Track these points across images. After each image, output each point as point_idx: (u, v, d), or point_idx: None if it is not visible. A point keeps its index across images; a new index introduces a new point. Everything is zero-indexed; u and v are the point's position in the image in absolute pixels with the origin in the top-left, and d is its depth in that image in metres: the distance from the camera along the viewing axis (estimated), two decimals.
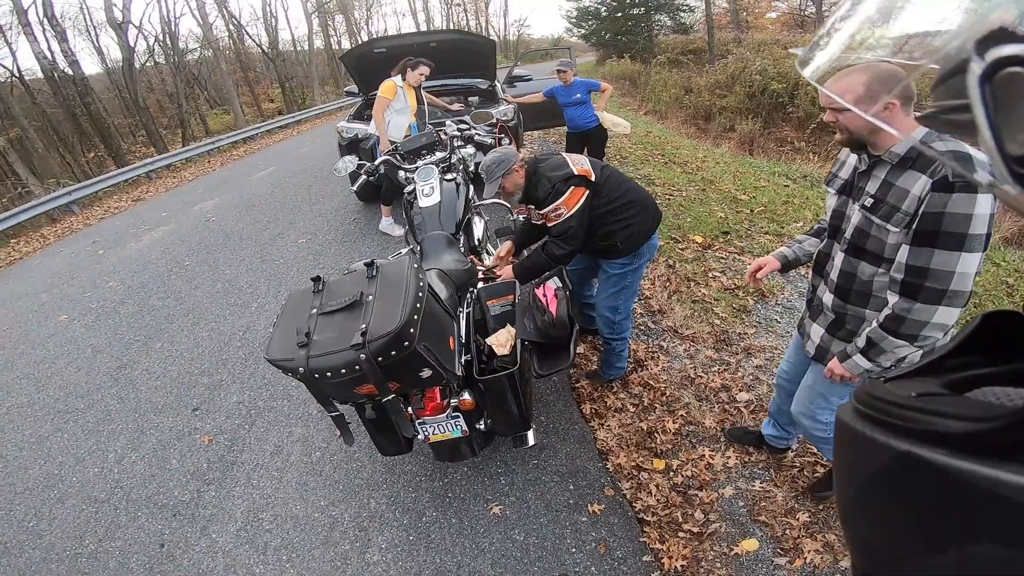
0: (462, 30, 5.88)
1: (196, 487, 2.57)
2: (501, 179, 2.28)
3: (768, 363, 2.80)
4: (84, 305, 4.81)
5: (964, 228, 1.15)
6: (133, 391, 3.38)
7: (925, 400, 0.38)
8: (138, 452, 2.85)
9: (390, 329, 1.43)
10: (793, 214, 4.77)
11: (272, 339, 1.57)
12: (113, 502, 2.56)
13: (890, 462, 0.37)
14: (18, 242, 7.85)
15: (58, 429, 3.14)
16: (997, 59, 0.27)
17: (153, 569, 2.20)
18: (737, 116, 13.68)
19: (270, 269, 4.89)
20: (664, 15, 25.19)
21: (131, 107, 19.65)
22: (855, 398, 0.43)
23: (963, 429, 0.32)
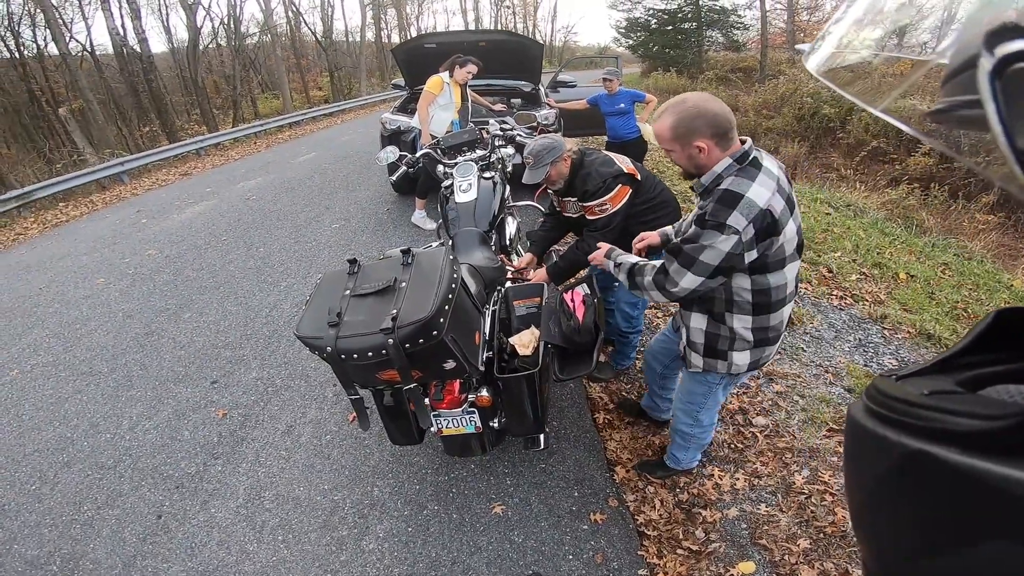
0: (512, 31, 5.88)
1: (203, 460, 2.53)
2: (549, 166, 2.24)
3: (789, 390, 2.71)
4: (122, 270, 4.88)
5: (697, 255, 1.34)
6: (156, 358, 3.37)
7: (937, 398, 0.37)
8: (152, 421, 2.83)
9: (420, 317, 1.41)
10: (832, 243, 4.52)
11: (304, 316, 1.56)
12: (119, 470, 2.53)
13: (901, 460, 0.37)
14: (67, 206, 8.11)
15: (79, 391, 3.15)
16: (1007, 54, 0.27)
17: (146, 539, 2.17)
18: (783, 139, 13.23)
19: (302, 250, 4.89)
20: (717, 31, 24.61)
21: (189, 86, 20.37)
22: (866, 395, 0.43)
23: (975, 427, 0.32)
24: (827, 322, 3.33)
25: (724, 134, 1.32)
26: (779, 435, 2.43)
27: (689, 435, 1.97)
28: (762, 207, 1.27)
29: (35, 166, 13.60)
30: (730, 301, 1.47)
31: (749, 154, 1.34)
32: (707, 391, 1.77)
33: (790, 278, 1.41)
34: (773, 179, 1.31)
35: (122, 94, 19.12)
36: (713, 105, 1.33)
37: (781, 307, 1.46)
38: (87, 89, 14.58)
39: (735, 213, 1.26)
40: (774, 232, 1.29)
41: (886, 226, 5.31)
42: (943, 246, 4.87)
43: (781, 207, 1.29)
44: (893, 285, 3.80)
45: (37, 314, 4.21)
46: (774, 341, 1.56)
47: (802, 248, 1.40)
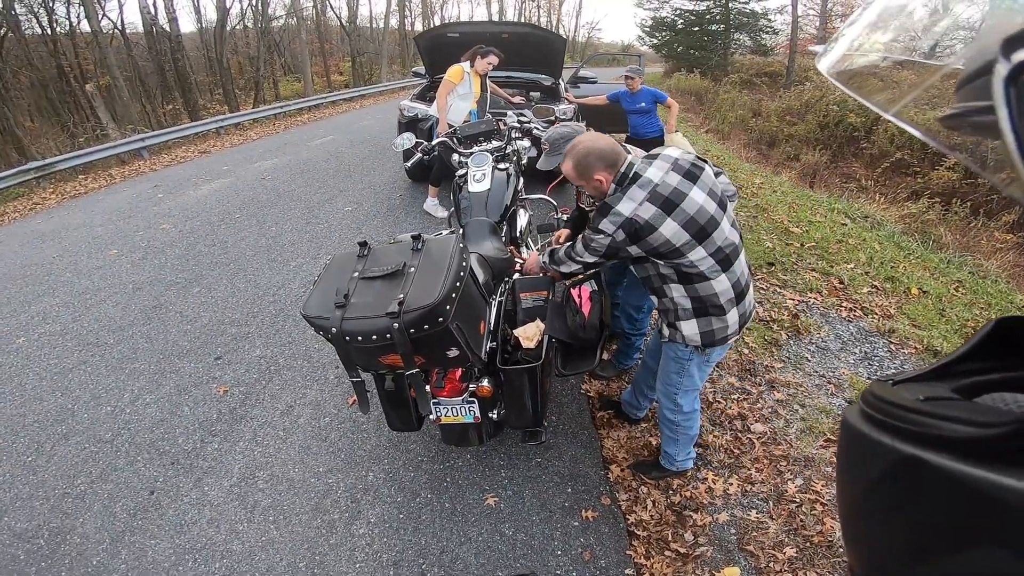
0: (535, 24, 5.84)
1: (201, 437, 2.54)
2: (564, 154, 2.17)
3: (790, 399, 2.70)
4: (135, 243, 4.93)
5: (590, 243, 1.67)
6: (163, 332, 3.40)
7: (933, 404, 0.37)
8: (153, 395, 2.85)
9: (427, 303, 1.42)
10: (846, 254, 4.44)
11: (311, 295, 1.58)
12: (116, 444, 2.55)
13: (895, 466, 0.37)
14: (86, 178, 8.20)
15: (83, 362, 3.18)
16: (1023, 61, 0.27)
17: (136, 515, 2.17)
18: (804, 146, 13.07)
19: (314, 231, 4.91)
20: (745, 34, 24.26)
21: (214, 66, 20.48)
22: (862, 400, 0.43)
23: (970, 434, 0.32)
24: (834, 333, 3.30)
25: (613, 164, 1.63)
26: (776, 443, 2.43)
27: (673, 423, 1.99)
28: (627, 216, 1.55)
29: (58, 139, 13.80)
30: (661, 276, 1.68)
31: (627, 175, 1.62)
32: (680, 368, 1.83)
33: (695, 259, 1.58)
34: (645, 189, 1.57)
35: (148, 72, 19.31)
36: (600, 144, 1.65)
37: (703, 280, 1.62)
38: (115, 66, 14.75)
39: (605, 220, 1.59)
40: (645, 233, 1.54)
41: (902, 240, 5.25)
42: (959, 263, 4.81)
43: (651, 213, 1.54)
44: (904, 300, 3.75)
45: (48, 282, 4.26)
46: (718, 313, 1.68)
47: (704, 235, 1.57)
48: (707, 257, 1.58)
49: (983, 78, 0.29)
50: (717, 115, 15.86)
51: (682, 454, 2.14)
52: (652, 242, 1.55)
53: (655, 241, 1.55)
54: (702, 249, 1.57)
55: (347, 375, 1.65)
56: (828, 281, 3.92)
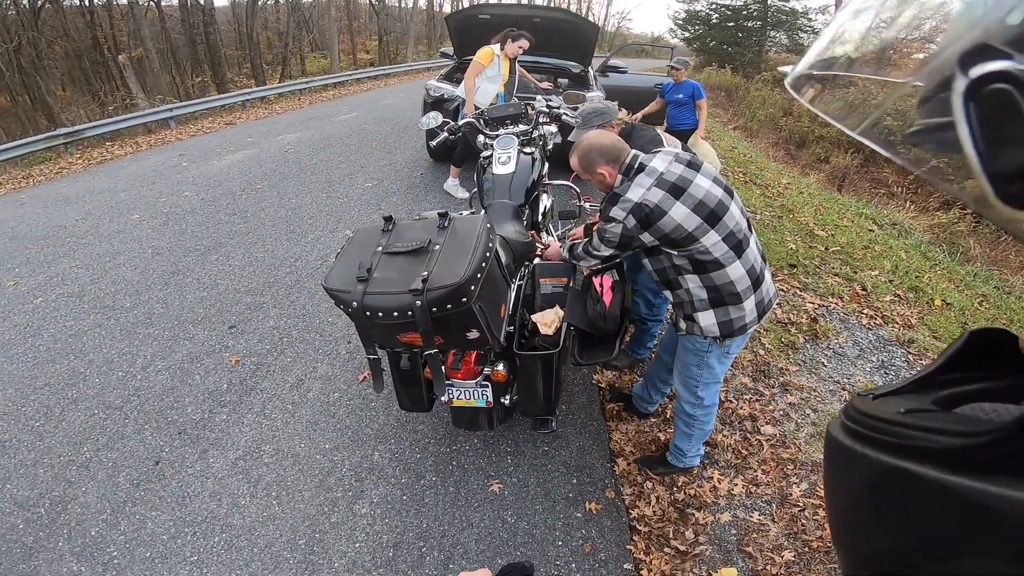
0: (568, 10, 5.67)
1: (210, 407, 2.53)
2: (595, 129, 2.18)
3: (802, 403, 2.67)
4: (157, 208, 4.96)
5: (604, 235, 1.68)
6: (179, 298, 3.41)
7: (914, 416, 0.38)
8: (166, 361, 2.85)
9: (452, 282, 1.39)
10: (871, 261, 4.34)
11: (333, 268, 1.55)
12: (125, 411, 2.55)
13: (880, 477, 0.38)
14: (113, 145, 8.28)
15: (98, 325, 3.19)
16: (981, 75, 0.27)
17: (139, 485, 2.16)
18: (834, 148, 12.69)
19: (333, 205, 4.91)
20: (782, 32, 23.63)
21: (244, 41, 20.62)
22: (844, 414, 0.45)
23: (950, 444, 0.33)
24: (853, 339, 3.24)
25: (616, 159, 1.68)
26: (784, 446, 2.41)
27: (692, 417, 1.97)
28: (636, 201, 1.58)
29: (88, 108, 14.00)
30: (675, 267, 1.67)
31: (633, 166, 1.67)
32: (699, 360, 1.82)
33: (709, 244, 1.58)
34: (652, 176, 1.60)
35: (180, 45, 19.48)
36: (601, 140, 1.70)
37: (719, 268, 1.61)
38: (148, 38, 14.95)
39: (616, 208, 1.62)
40: (656, 218, 1.56)
41: (929, 250, 5.15)
42: (984, 277, 4.72)
43: (659, 197, 1.56)
44: (927, 310, 3.68)
45: (69, 244, 4.30)
46: (735, 302, 1.66)
47: (715, 218, 1.57)
48: (720, 242, 1.58)
49: (943, 94, 0.29)
50: (747, 112, 15.53)
51: (693, 450, 2.12)
52: (664, 227, 1.56)
53: (667, 226, 1.56)
54: (715, 233, 1.57)
55: (359, 351, 1.66)
56: (851, 287, 3.85)
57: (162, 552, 1.91)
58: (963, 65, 0.28)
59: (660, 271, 1.73)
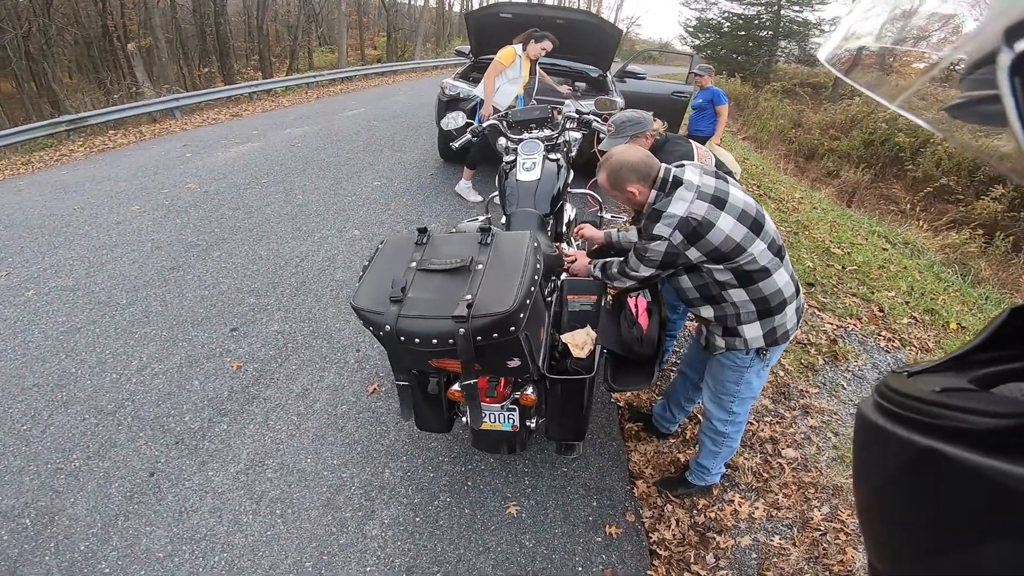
0: (591, 12, 5.54)
1: (209, 416, 2.41)
2: (628, 139, 2.18)
3: (823, 426, 2.63)
4: (158, 200, 4.82)
5: (645, 254, 1.59)
6: (178, 296, 3.28)
7: (949, 395, 0.37)
8: (163, 364, 2.71)
9: (501, 310, 1.28)
10: (886, 281, 4.28)
11: (362, 284, 1.40)
12: (119, 416, 2.41)
13: (912, 458, 0.37)
14: (116, 134, 8.12)
15: (92, 322, 3.05)
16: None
17: (133, 498, 2.04)
18: (844, 161, 12.64)
19: (341, 204, 4.78)
20: (794, 43, 23.63)
21: (253, 32, 20.54)
22: (877, 393, 0.43)
23: (987, 425, 0.32)
24: (871, 362, 3.20)
25: (646, 176, 1.60)
26: (806, 469, 2.38)
27: (722, 434, 1.92)
28: (681, 215, 1.50)
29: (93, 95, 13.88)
30: (718, 283, 1.60)
31: (667, 180, 1.59)
32: (738, 377, 1.76)
33: (757, 253, 1.52)
34: (692, 189, 1.53)
35: (189, 35, 19.41)
36: (631, 156, 1.62)
37: (766, 276, 1.56)
38: (159, 27, 14.82)
39: (660, 224, 1.53)
40: (705, 231, 1.49)
41: (942, 271, 5.12)
42: (996, 300, 4.68)
43: (704, 209, 1.50)
44: (943, 334, 3.65)
45: (66, 234, 4.14)
46: (779, 309, 1.62)
47: (759, 226, 1.53)
48: (766, 250, 1.54)
49: (987, 67, 0.29)
50: (757, 123, 15.47)
51: (716, 468, 2.09)
52: (713, 240, 1.50)
53: (716, 239, 1.50)
54: (760, 242, 1.53)
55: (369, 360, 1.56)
56: (868, 308, 3.80)
57: (158, 571, 1.79)
58: (1009, 39, 0.27)
59: (700, 287, 1.65)
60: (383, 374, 2.67)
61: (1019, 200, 10.10)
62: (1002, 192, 10.15)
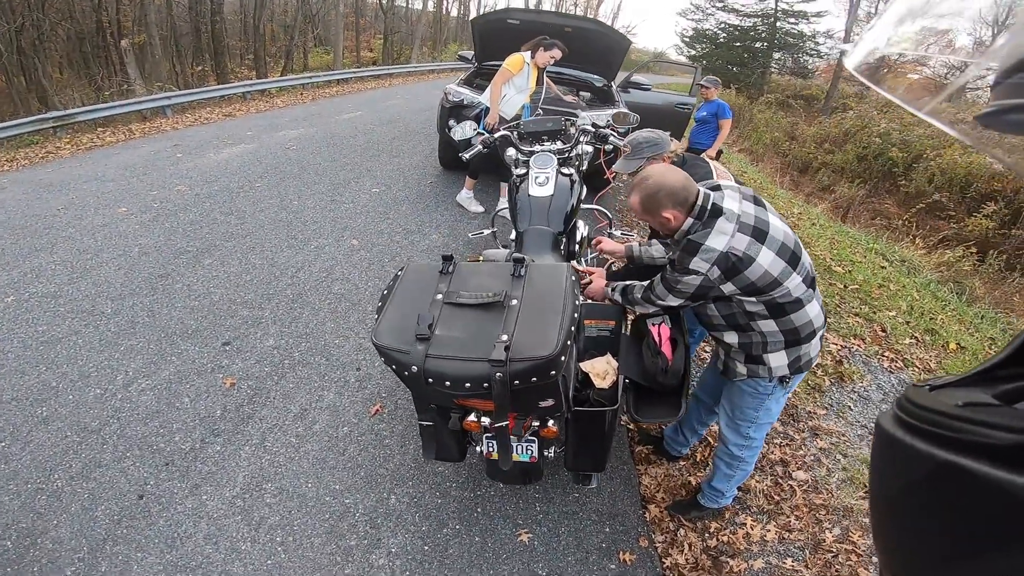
0: (600, 21, 5.46)
1: (201, 436, 2.28)
2: (645, 160, 2.11)
3: (833, 448, 2.62)
4: (146, 202, 4.64)
5: (675, 284, 1.52)
6: (167, 306, 3.13)
7: (972, 409, 0.37)
8: (150, 380, 2.57)
9: (543, 354, 1.18)
10: (887, 301, 4.25)
11: (383, 317, 1.29)
12: (103, 435, 2.28)
13: (931, 472, 0.37)
14: (104, 131, 7.91)
15: (75, 332, 2.89)
16: None
17: (121, 521, 1.92)
18: (839, 176, 12.73)
19: (338, 211, 4.64)
20: (788, 55, 23.96)
21: (249, 32, 20.37)
22: (896, 405, 0.43)
23: (1009, 441, 0.32)
24: (876, 383, 3.19)
25: (684, 201, 1.50)
26: (817, 491, 2.37)
27: (738, 459, 1.90)
28: (721, 251, 1.42)
29: (83, 92, 13.66)
30: (747, 313, 1.54)
31: (706, 208, 1.48)
32: (758, 403, 1.73)
33: (792, 287, 1.47)
34: (732, 220, 1.45)
35: (183, 32, 19.19)
36: (671, 179, 1.49)
37: (798, 308, 1.51)
38: (153, 24, 14.64)
39: (696, 259, 1.45)
40: (744, 267, 1.42)
41: (938, 289, 5.11)
42: (991, 319, 4.67)
43: (745, 243, 1.42)
44: (943, 354, 3.65)
45: (48, 236, 3.96)
46: (807, 340, 1.58)
47: (796, 260, 1.48)
48: (801, 283, 1.49)
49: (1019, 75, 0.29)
50: (752, 135, 15.55)
51: (730, 491, 2.07)
52: (750, 276, 1.43)
53: (753, 275, 1.43)
54: (797, 275, 1.48)
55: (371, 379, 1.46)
56: (871, 328, 3.78)
57: None
58: None
59: (728, 316, 1.59)
60: (385, 394, 2.56)
61: (1010, 217, 10.22)
62: (993, 209, 10.26)
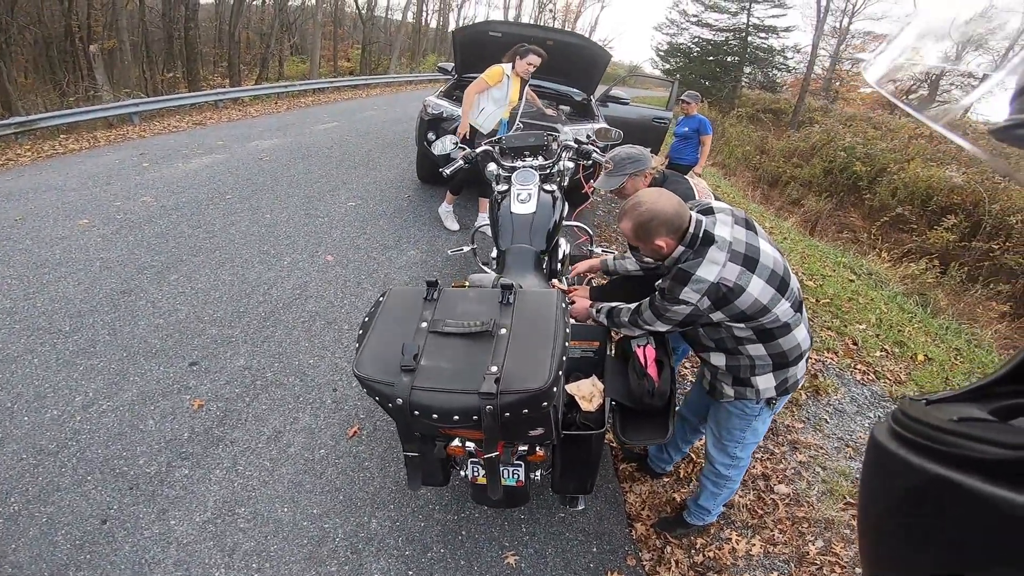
0: (583, 35, 5.51)
1: (168, 459, 2.18)
2: (626, 177, 2.10)
3: (812, 461, 2.66)
4: (109, 214, 4.46)
5: (664, 312, 1.51)
6: (130, 324, 2.99)
7: (967, 425, 0.37)
8: (112, 401, 2.45)
9: (535, 387, 1.14)
10: (857, 314, 4.36)
11: (365, 347, 1.24)
12: (62, 457, 2.17)
13: (923, 485, 0.37)
14: (68, 138, 7.63)
15: (30, 350, 2.74)
16: None
17: (83, 547, 1.84)
18: (807, 190, 13.11)
19: (313, 225, 4.53)
20: (758, 69, 24.71)
21: (224, 39, 20.06)
22: (892, 418, 0.44)
23: (999, 456, 0.32)
24: (850, 396, 3.26)
25: (678, 229, 1.48)
26: (799, 504, 2.40)
27: (725, 477, 1.90)
28: (712, 281, 1.41)
29: (48, 97, 13.21)
30: (735, 337, 1.55)
31: (698, 236, 1.47)
32: (745, 424, 1.74)
33: (780, 312, 1.47)
34: (724, 249, 1.44)
35: (156, 38, 18.82)
36: (664, 206, 1.47)
37: (786, 333, 1.52)
38: (124, 29, 14.33)
39: (687, 289, 1.44)
40: (735, 296, 1.42)
41: (904, 302, 5.26)
42: (955, 330, 4.84)
43: (736, 273, 1.42)
44: (912, 365, 3.76)
45: (3, 248, 3.76)
46: (795, 363, 1.59)
47: (785, 286, 1.48)
48: (789, 308, 1.50)
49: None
50: (725, 149, 15.90)
51: (716, 508, 2.08)
52: (740, 305, 1.43)
53: (743, 303, 1.43)
54: (786, 301, 1.48)
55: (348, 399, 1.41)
56: (843, 341, 3.87)
57: None
58: None
59: (717, 340, 1.60)
60: (363, 416, 2.49)
61: (969, 230, 10.65)
62: (953, 222, 10.67)
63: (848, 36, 24.17)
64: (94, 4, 17.25)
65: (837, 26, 23.99)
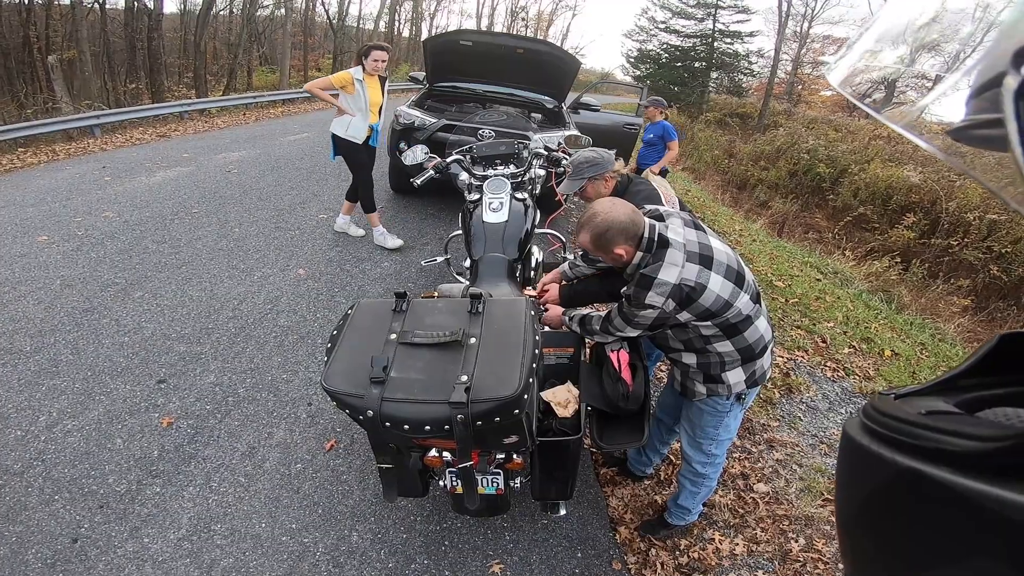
0: (552, 43, 5.57)
1: (138, 477, 2.14)
2: (586, 181, 2.12)
3: (788, 459, 2.70)
4: (70, 230, 4.33)
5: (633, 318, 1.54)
6: (94, 343, 2.91)
7: (934, 418, 0.38)
8: (77, 421, 2.38)
9: (505, 395, 1.15)
10: (825, 312, 4.47)
11: (333, 360, 1.24)
12: (27, 477, 2.11)
13: (894, 478, 0.38)
14: (26, 152, 7.38)
15: None
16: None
17: (55, 566, 1.80)
18: (774, 192, 13.44)
19: (283, 239, 4.46)
20: (725, 74, 25.41)
21: (189, 49, 19.66)
22: (863, 413, 0.45)
23: (969, 448, 0.33)
24: (821, 393, 3.31)
25: (634, 236, 1.52)
26: (778, 502, 2.42)
27: (702, 476, 1.93)
28: (674, 283, 1.45)
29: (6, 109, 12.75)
30: (702, 337, 1.58)
31: (653, 240, 1.51)
32: (718, 421, 1.77)
33: (741, 306, 1.51)
34: (679, 250, 1.48)
35: (118, 49, 18.34)
36: (617, 214, 1.51)
37: (749, 325, 1.56)
38: (85, 40, 13.95)
39: (651, 294, 1.46)
40: (697, 295, 1.46)
41: (869, 299, 5.38)
42: (920, 325, 4.97)
43: (695, 272, 1.46)
44: (880, 361, 3.84)
45: None
46: (761, 354, 1.64)
47: (742, 279, 1.52)
48: (749, 300, 1.54)
49: (993, 90, 0.29)
50: (694, 153, 16.21)
51: (696, 507, 2.11)
52: (704, 303, 1.47)
53: (707, 301, 1.47)
54: (745, 294, 1.52)
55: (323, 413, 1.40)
56: (812, 339, 3.95)
57: None
58: (1017, 63, 0.27)
59: (685, 341, 1.63)
60: (340, 429, 2.46)
61: (928, 227, 11.05)
62: (913, 221, 11.06)
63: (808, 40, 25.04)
64: (52, 14, 16.79)
65: (798, 30, 24.85)
